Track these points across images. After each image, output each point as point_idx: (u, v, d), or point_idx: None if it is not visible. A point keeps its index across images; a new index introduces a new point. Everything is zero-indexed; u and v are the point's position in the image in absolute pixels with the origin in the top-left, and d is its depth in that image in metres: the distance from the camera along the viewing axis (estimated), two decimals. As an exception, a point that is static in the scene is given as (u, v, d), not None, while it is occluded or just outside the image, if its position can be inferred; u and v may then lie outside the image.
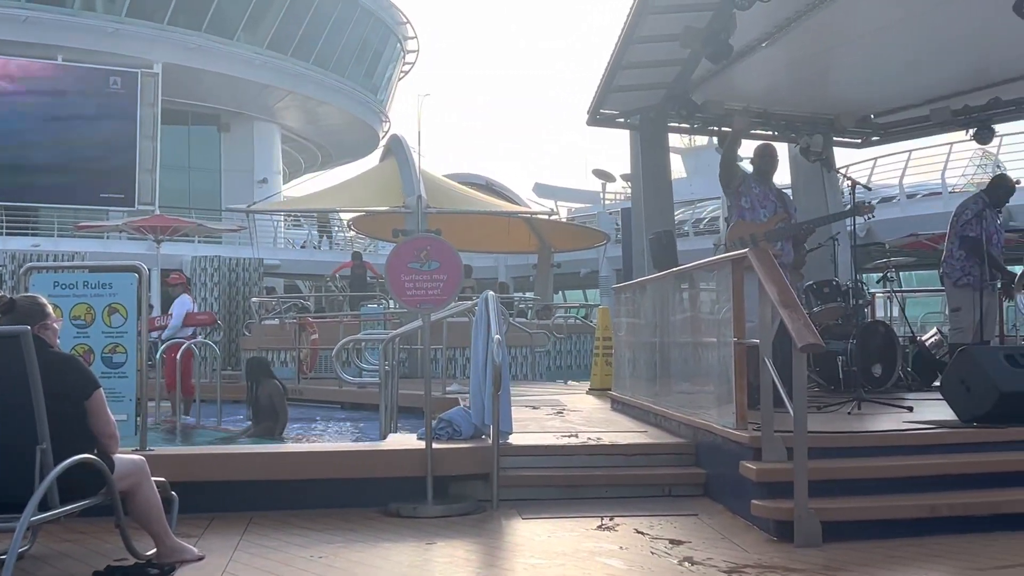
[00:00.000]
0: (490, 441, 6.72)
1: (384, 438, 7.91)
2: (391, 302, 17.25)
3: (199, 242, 31.05)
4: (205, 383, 13.92)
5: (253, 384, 12.00)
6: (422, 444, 6.65)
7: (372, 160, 29.37)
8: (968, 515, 5.57)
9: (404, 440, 7.52)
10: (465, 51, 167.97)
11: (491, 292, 7.60)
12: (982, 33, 9.87)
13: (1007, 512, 5.60)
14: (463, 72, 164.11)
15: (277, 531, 5.81)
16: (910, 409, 7.59)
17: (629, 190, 29.30)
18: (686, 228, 33.61)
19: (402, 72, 47.56)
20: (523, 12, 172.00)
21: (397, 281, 6.69)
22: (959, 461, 6.05)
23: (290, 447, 9.11)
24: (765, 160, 8.46)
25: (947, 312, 9.90)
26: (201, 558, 5.11)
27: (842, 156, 22.65)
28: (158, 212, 28.92)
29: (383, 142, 28.93)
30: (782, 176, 11.93)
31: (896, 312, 13.20)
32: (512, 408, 7.27)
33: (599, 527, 5.83)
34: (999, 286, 9.68)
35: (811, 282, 9.44)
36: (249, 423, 12.03)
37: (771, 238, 8.11)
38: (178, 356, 12.82)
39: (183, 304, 14.09)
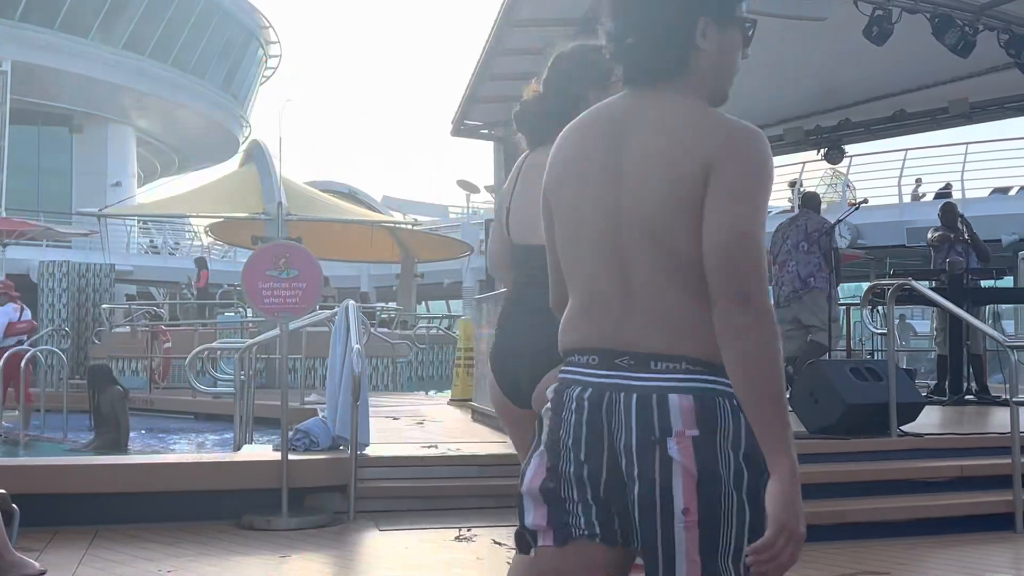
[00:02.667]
0: (348, 452, 6.64)
1: (238, 449, 7.74)
2: (249, 311, 16.93)
3: (47, 246, 29.92)
4: (51, 392, 13.42)
5: (94, 392, 11.65)
6: (277, 455, 6.51)
7: (231, 165, 28.79)
8: (815, 524, 5.68)
9: (259, 451, 7.37)
10: (330, 58, 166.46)
11: (351, 301, 7.52)
12: (832, 56, 10.25)
13: (851, 521, 5.80)
14: (327, 79, 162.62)
15: (124, 545, 5.61)
16: (761, 420, 7.78)
17: (492, 203, 29.45)
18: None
19: (264, 77, 46.85)
20: (391, 20, 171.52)
21: (254, 289, 6.55)
22: (807, 471, 6.14)
23: (138, 458, 8.84)
24: None
25: (815, 324, 10.18)
26: (43, 572, 4.89)
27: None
28: (4, 215, 27.80)
29: (243, 147, 28.46)
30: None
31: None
32: (372, 419, 7.20)
33: (457, 538, 5.80)
34: None
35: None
36: (92, 434, 11.66)
37: None
38: (22, 364, 12.35)
39: (5, 314, 13.64)
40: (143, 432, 12.60)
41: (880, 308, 8.91)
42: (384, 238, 23.91)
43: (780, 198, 27.53)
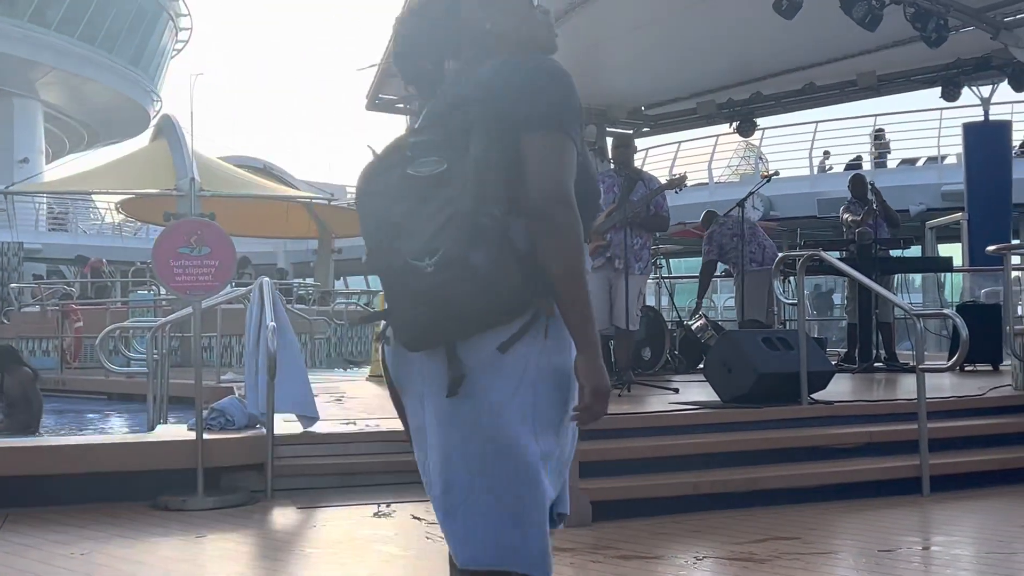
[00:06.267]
0: (264, 431, 6.58)
1: (152, 429, 7.63)
2: (162, 289, 16.65)
3: (-49, 225, 29.10)
4: (-43, 375, 13.04)
5: (1, 374, 11.36)
6: (192, 435, 6.42)
7: (142, 141, 28.20)
8: (728, 492, 5.85)
9: (173, 431, 7.27)
10: (243, 32, 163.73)
11: (266, 278, 7.43)
12: (743, 30, 10.35)
13: (764, 488, 5.91)
14: (240, 53, 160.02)
15: (35, 528, 5.50)
16: (676, 391, 7.91)
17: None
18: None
19: (175, 50, 45.94)
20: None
21: (165, 266, 6.44)
22: (720, 440, 6.35)
23: (49, 440, 8.66)
24: (618, 151, 8.87)
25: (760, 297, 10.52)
26: (-51, 561, 4.79)
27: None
28: (-97, 193, 26.93)
29: (154, 122, 27.91)
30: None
31: (665, 298, 13.71)
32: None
33: (376, 514, 5.80)
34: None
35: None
36: (1, 416, 11.38)
37: (600, 230, 8.35)
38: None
39: None
40: (55, 414, 12.34)
41: (791, 279, 9.07)
42: (300, 213, 23.68)
43: (699, 171, 27.87)
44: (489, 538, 2.25)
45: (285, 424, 6.97)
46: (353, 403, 9.35)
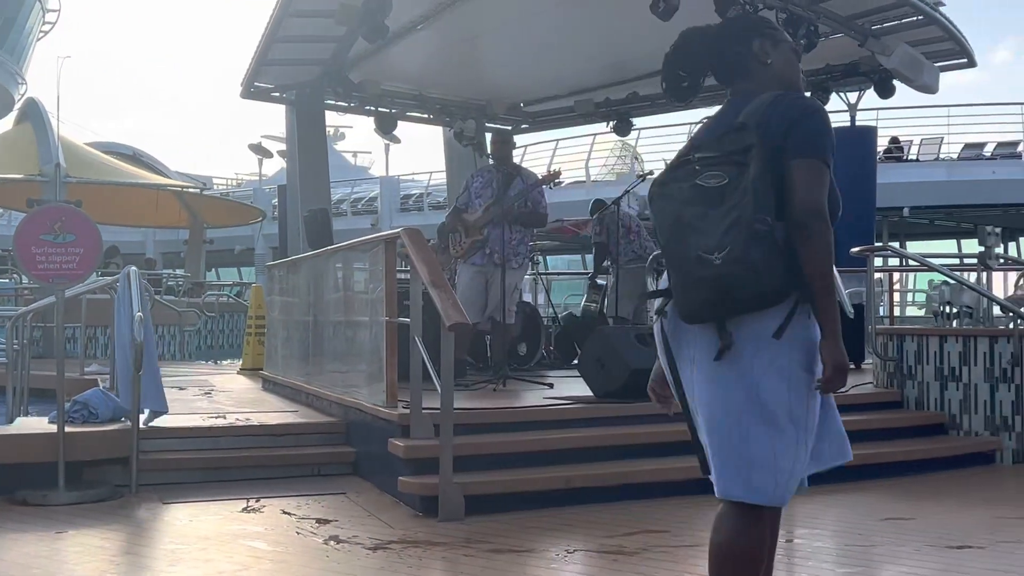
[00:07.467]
0: (130, 423, 6.40)
1: (11, 422, 7.36)
2: (24, 277, 16.09)
3: None
4: None
5: None
6: (53, 427, 6.21)
7: (6, 124, 27.18)
8: (601, 486, 5.91)
9: (34, 423, 7.02)
10: (115, 16, 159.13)
11: (133, 267, 7.23)
12: (621, 30, 10.45)
13: (635, 482, 5.99)
14: (112, 38, 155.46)
15: None
16: (551, 386, 7.96)
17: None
18: (344, 207, 33.57)
19: (41, 32, 44.33)
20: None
21: (27, 254, 6.21)
22: (593, 435, 6.41)
23: (-99, 434, 8.27)
24: (497, 147, 8.91)
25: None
26: None
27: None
28: None
29: (18, 105, 26.93)
30: (437, 160, 12.08)
31: (542, 294, 13.79)
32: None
33: (245, 509, 5.70)
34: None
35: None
36: None
37: (478, 225, 8.37)
38: None
39: None
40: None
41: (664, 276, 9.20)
42: (171, 202, 23.14)
43: (576, 169, 28.15)
44: (739, 475, 2.79)
45: (162, 415, 6.80)
46: (223, 397, 9.17)
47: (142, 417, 6.61)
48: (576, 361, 8.72)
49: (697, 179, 2.79)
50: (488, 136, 12.27)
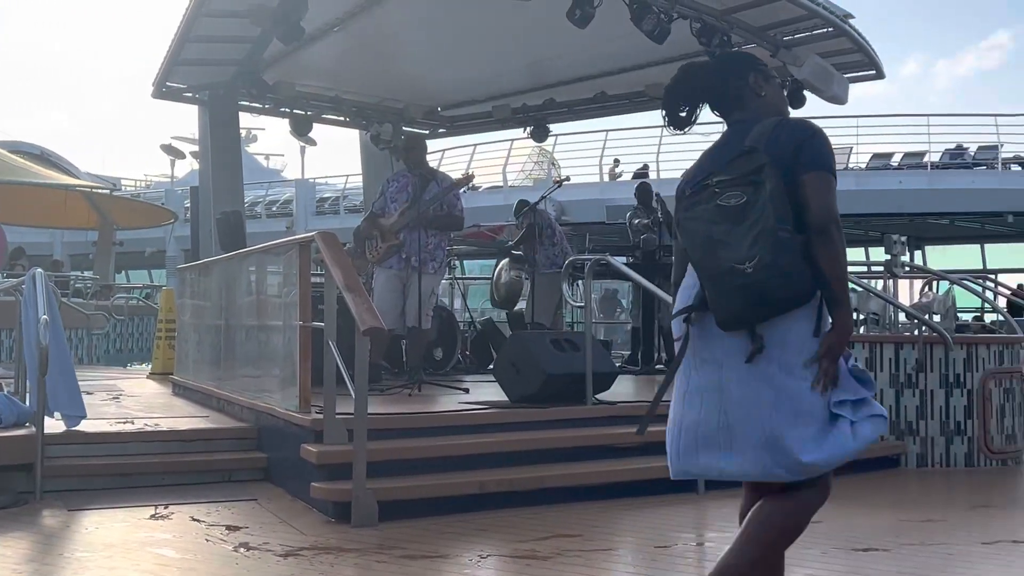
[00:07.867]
0: (35, 429, 6.24)
1: (-92, 428, 7.10)
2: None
3: None
4: None
5: None
6: (-47, 434, 6.04)
7: (-94, 120, 26.39)
8: (515, 490, 5.91)
9: (-67, 430, 6.80)
10: (24, 8, 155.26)
11: (39, 269, 7.06)
12: (538, 36, 10.48)
13: (550, 486, 6.01)
14: (18, 33, 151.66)
15: None
16: (466, 391, 7.97)
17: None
18: (258, 210, 33.20)
19: (-55, 25, 43.17)
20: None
21: (-73, 254, 6.03)
22: (508, 439, 6.42)
23: None
24: (411, 152, 8.80)
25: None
26: None
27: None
28: None
29: (-81, 101, 26.17)
30: (354, 162, 11.99)
31: (458, 299, 13.78)
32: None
33: (152, 516, 5.59)
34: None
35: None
36: None
37: (394, 229, 8.32)
38: None
39: None
40: None
41: (579, 282, 9.26)
42: (79, 203, 22.66)
43: (494, 174, 28.20)
44: (775, 459, 3.11)
45: (57, 422, 6.62)
46: (131, 402, 9.00)
47: (60, 423, 6.46)
48: (492, 366, 8.73)
49: (718, 200, 3.11)
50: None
